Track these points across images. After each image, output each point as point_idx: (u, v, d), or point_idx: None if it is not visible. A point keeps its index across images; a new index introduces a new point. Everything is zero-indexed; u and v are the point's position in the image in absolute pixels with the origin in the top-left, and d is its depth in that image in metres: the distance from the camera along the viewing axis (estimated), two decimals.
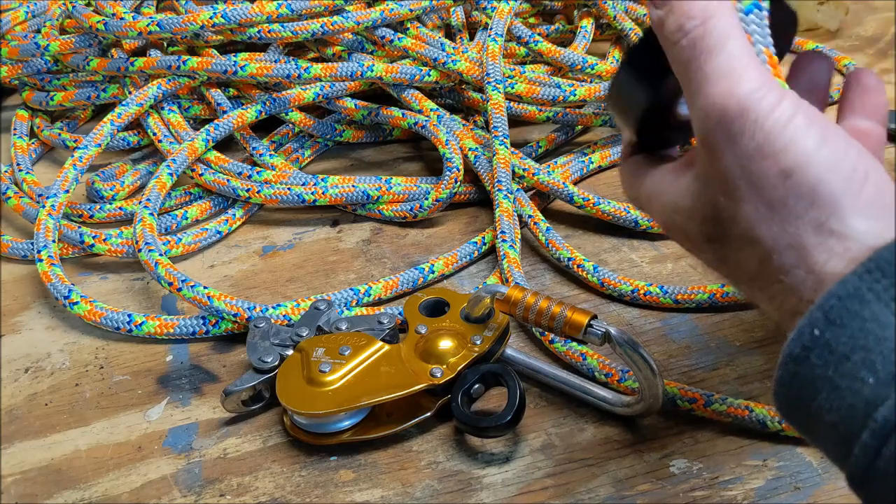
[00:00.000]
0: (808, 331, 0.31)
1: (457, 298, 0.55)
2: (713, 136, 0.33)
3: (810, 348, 0.31)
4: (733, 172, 0.33)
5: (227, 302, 0.58)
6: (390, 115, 0.74)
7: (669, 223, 0.38)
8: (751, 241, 0.33)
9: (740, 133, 0.32)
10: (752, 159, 0.32)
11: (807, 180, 0.32)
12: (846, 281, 0.30)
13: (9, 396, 0.56)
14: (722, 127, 0.32)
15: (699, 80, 0.33)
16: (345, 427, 0.51)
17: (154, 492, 0.49)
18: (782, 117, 0.32)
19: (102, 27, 0.74)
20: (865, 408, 0.29)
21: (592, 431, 0.51)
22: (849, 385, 0.30)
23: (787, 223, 0.32)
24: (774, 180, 0.32)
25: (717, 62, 0.33)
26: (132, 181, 0.73)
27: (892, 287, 0.30)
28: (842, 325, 0.30)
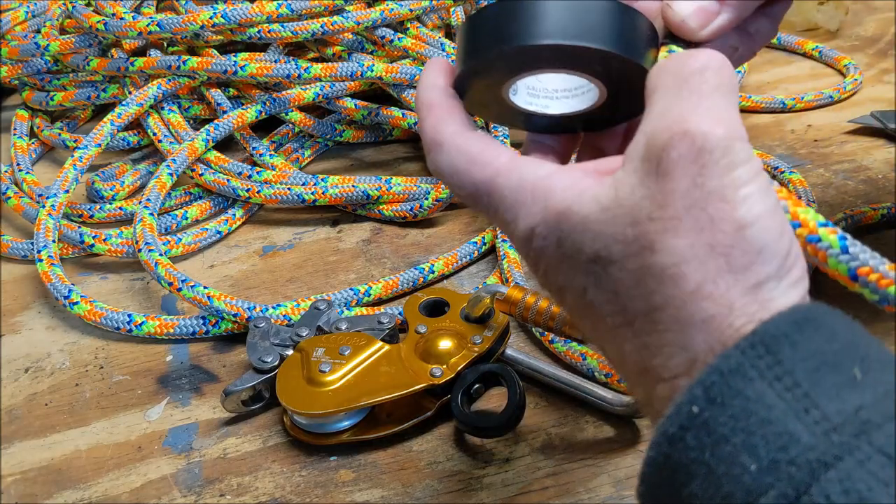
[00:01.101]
0: (686, 408, 0.28)
1: (457, 298, 0.55)
2: (676, 154, 0.30)
3: (687, 428, 0.28)
4: (682, 201, 0.30)
5: (227, 302, 0.58)
6: (390, 115, 0.74)
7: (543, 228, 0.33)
8: (664, 277, 0.30)
9: (711, 165, 0.30)
10: (710, 197, 0.29)
11: (757, 240, 0.29)
12: (728, 355, 0.28)
13: (9, 396, 0.56)
14: (696, 151, 0.30)
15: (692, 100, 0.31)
16: (345, 427, 0.51)
17: (154, 492, 0.49)
18: (750, 171, 0.30)
19: (102, 27, 0.74)
20: (744, 498, 0.27)
21: (592, 431, 0.51)
22: (727, 471, 0.27)
23: (721, 273, 0.29)
24: (727, 226, 0.29)
25: (718, 100, 0.31)
26: (132, 181, 0.73)
27: (776, 365, 0.28)
28: (722, 403, 0.28)
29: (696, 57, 0.32)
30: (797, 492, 0.26)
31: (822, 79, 0.87)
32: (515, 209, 0.33)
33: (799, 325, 0.28)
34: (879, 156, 0.74)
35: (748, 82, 0.86)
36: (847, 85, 0.84)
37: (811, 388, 0.27)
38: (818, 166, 0.73)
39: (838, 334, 0.29)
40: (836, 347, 0.28)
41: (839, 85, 0.84)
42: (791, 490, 0.26)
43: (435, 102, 0.35)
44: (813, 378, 0.27)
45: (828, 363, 0.28)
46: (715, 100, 0.31)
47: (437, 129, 0.35)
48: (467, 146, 0.34)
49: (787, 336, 0.28)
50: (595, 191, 0.32)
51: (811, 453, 0.26)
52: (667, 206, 0.30)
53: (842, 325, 0.29)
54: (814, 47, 0.90)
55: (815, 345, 0.28)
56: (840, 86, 0.84)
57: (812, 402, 0.27)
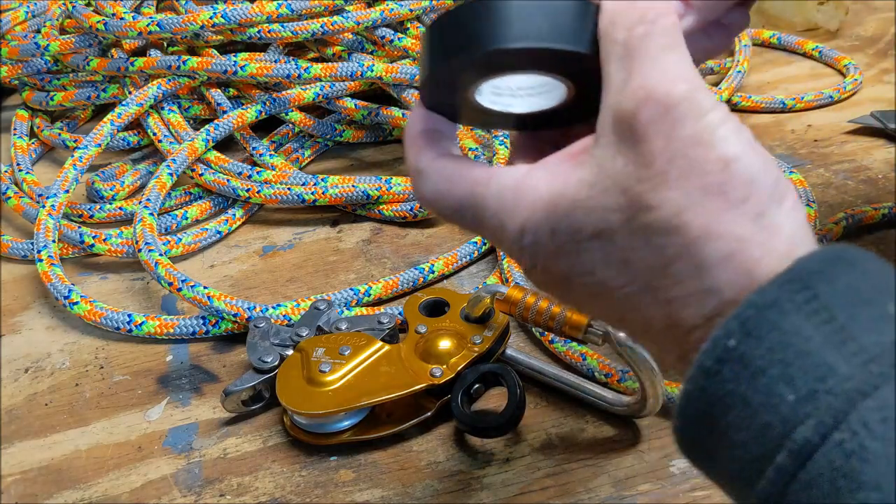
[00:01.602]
0: (722, 342, 0.29)
1: (457, 298, 0.55)
2: (647, 115, 0.30)
3: (724, 360, 0.29)
4: (664, 156, 0.30)
5: (227, 302, 0.58)
6: (390, 115, 0.74)
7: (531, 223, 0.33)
8: (668, 230, 0.30)
9: (683, 118, 0.30)
10: (689, 145, 0.30)
11: (746, 172, 0.30)
12: (765, 290, 0.29)
13: (9, 396, 0.56)
14: (664, 108, 0.30)
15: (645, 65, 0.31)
16: (345, 427, 0.51)
17: (154, 492, 0.49)
18: (718, 117, 0.31)
19: (102, 27, 0.74)
20: (782, 427, 0.27)
21: (592, 431, 0.51)
22: (764, 401, 0.28)
23: (724, 210, 0.30)
24: (712, 166, 0.30)
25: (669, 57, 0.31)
26: (132, 181, 0.73)
27: (812, 299, 0.28)
28: (759, 336, 0.28)
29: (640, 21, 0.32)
30: (835, 420, 0.26)
31: (822, 79, 0.87)
32: (500, 214, 0.34)
33: (833, 262, 0.29)
34: (879, 156, 0.74)
35: (748, 82, 0.86)
36: (847, 85, 0.84)
37: (848, 322, 0.28)
38: (818, 166, 0.73)
39: (871, 272, 0.29)
40: (870, 284, 0.29)
41: (839, 85, 0.84)
42: (829, 418, 0.26)
43: (414, 135, 0.36)
44: (849, 312, 0.28)
45: (863, 298, 0.28)
46: (667, 58, 0.31)
47: (417, 159, 0.36)
48: (444, 168, 0.35)
49: (823, 272, 0.29)
50: (577, 173, 0.32)
51: (849, 383, 0.27)
52: (650, 166, 0.30)
53: (874, 264, 0.30)
54: (814, 47, 0.90)
55: (849, 281, 0.29)
56: (840, 86, 0.83)
57: (849, 335, 0.27)
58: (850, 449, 0.26)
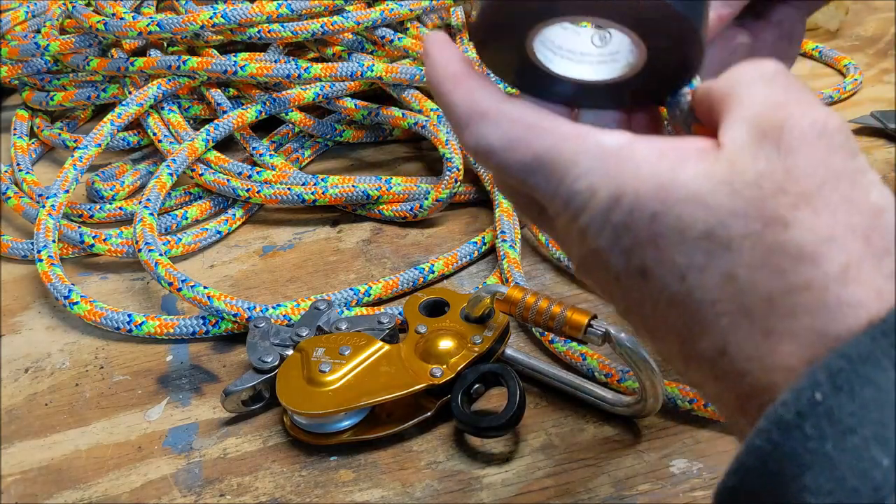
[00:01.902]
0: (806, 394, 0.26)
1: (457, 298, 0.55)
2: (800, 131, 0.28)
3: (805, 415, 0.26)
4: (812, 178, 0.28)
5: (227, 302, 0.58)
6: (390, 115, 0.74)
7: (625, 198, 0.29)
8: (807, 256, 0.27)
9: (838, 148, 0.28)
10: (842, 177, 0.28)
11: (892, 226, 0.28)
12: (857, 342, 0.26)
13: (9, 396, 0.56)
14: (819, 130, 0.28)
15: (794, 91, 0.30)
16: (345, 427, 0.51)
17: (154, 492, 0.49)
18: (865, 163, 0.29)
19: (102, 27, 0.74)
20: (874, 495, 0.24)
21: (592, 431, 0.51)
22: (853, 464, 0.25)
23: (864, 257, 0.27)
24: (864, 208, 0.28)
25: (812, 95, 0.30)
26: (132, 181, 0.73)
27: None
28: (851, 392, 0.25)
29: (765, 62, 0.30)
30: None
31: (822, 79, 0.87)
32: (591, 177, 0.30)
33: None
34: (879, 156, 0.74)
35: None
36: (847, 85, 0.84)
37: None
38: None
39: None
40: None
41: (839, 85, 0.84)
42: None
43: (460, 72, 0.31)
44: None
45: None
46: (810, 94, 0.30)
47: (474, 99, 0.31)
48: (521, 113, 0.31)
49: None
50: (700, 164, 0.29)
51: None
52: (797, 181, 0.28)
53: None
54: (814, 47, 0.90)
55: None
56: (840, 86, 0.83)
57: None
58: None
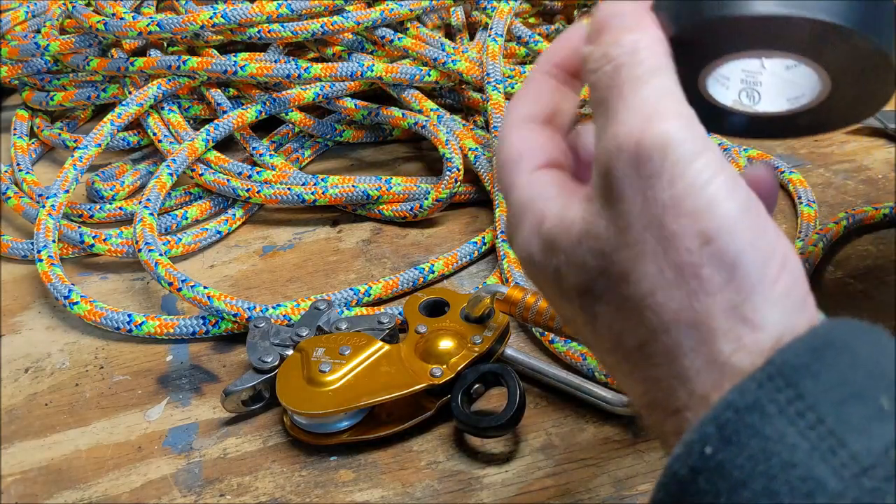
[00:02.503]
0: (697, 448, 0.26)
1: (457, 298, 0.55)
2: (620, 173, 0.27)
3: (698, 471, 0.25)
4: (639, 222, 0.27)
5: (227, 302, 0.58)
6: (390, 115, 0.74)
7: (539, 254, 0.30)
8: (642, 308, 0.27)
9: (656, 175, 0.26)
10: (666, 211, 0.26)
11: (728, 252, 0.26)
12: (744, 389, 0.25)
13: (9, 396, 0.56)
14: (634, 164, 0.27)
15: (615, 108, 0.27)
16: (345, 427, 0.51)
17: (154, 492, 0.49)
18: (705, 171, 0.26)
19: (102, 27, 0.74)
20: None
21: (592, 431, 0.51)
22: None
23: (695, 297, 0.27)
24: (690, 243, 0.26)
25: (641, 94, 0.27)
26: (132, 181, 0.73)
27: (797, 399, 0.25)
28: (739, 444, 0.25)
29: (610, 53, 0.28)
30: None
31: None
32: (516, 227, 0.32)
33: (818, 353, 0.26)
34: (879, 156, 0.74)
35: None
36: None
37: (836, 425, 0.25)
38: (818, 166, 0.73)
39: (861, 357, 0.26)
40: (860, 374, 0.26)
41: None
42: None
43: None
44: (838, 413, 0.25)
45: (853, 393, 0.25)
46: (639, 93, 0.27)
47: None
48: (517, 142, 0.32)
49: (808, 366, 0.26)
50: (571, 220, 0.30)
51: (840, 500, 0.24)
52: (626, 232, 0.27)
53: (864, 344, 0.27)
54: None
55: (837, 373, 0.25)
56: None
57: (839, 441, 0.24)
58: None
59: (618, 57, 0.28)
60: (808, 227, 0.64)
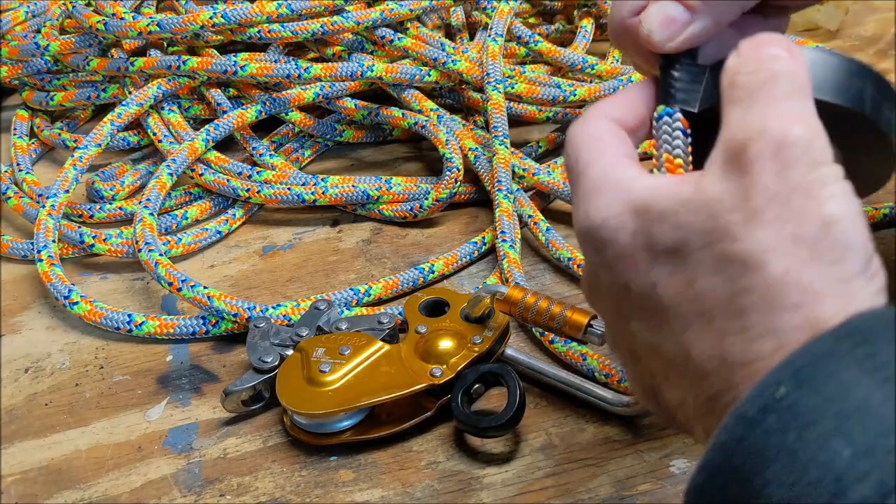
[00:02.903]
0: (770, 390, 0.27)
1: (457, 298, 0.55)
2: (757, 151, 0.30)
3: (769, 410, 0.27)
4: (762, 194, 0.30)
5: (227, 302, 0.58)
6: (390, 115, 0.74)
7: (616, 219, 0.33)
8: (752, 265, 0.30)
9: (794, 161, 0.30)
10: (794, 190, 0.30)
11: (844, 237, 0.29)
12: (822, 340, 0.27)
13: (9, 396, 0.56)
14: (777, 146, 0.30)
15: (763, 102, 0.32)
16: (345, 427, 0.51)
17: (154, 492, 0.49)
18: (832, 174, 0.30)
19: (102, 27, 0.74)
20: (836, 485, 0.25)
21: (592, 431, 0.51)
22: (814, 456, 0.26)
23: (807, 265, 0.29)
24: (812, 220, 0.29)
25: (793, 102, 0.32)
26: (132, 181, 0.73)
27: (872, 355, 0.27)
28: (813, 387, 0.27)
29: (760, 66, 0.32)
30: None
31: None
32: (591, 197, 0.34)
33: (892, 322, 0.28)
34: None
35: None
36: None
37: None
38: None
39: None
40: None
41: None
42: (891, 478, 0.25)
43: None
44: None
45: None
46: (789, 103, 0.31)
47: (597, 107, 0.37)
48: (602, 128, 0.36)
49: (882, 331, 0.28)
50: (676, 188, 0.32)
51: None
52: (748, 199, 0.30)
53: None
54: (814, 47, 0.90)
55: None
56: None
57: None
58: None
59: (777, 70, 0.32)
60: None
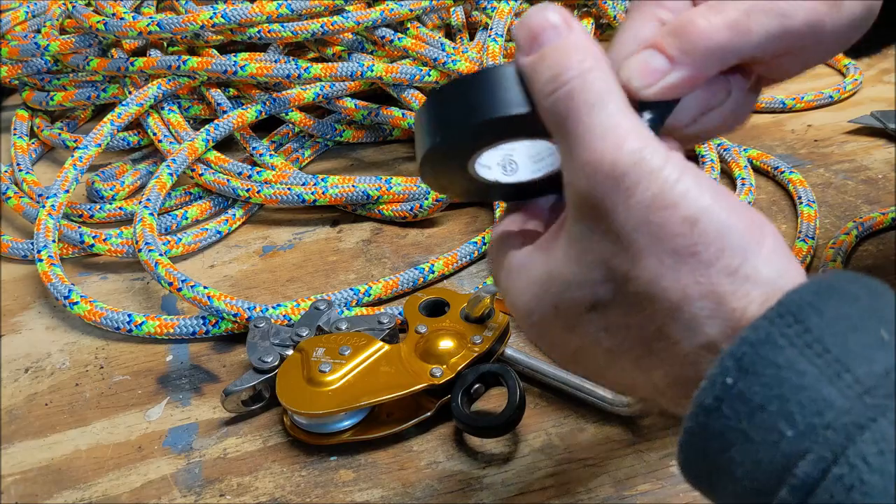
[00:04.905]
0: (719, 380, 0.29)
1: (457, 298, 0.55)
2: (601, 190, 0.30)
3: (722, 398, 0.29)
4: (627, 226, 0.30)
5: (227, 302, 0.58)
6: (390, 115, 0.74)
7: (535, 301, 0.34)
8: (652, 297, 0.31)
9: (635, 185, 0.30)
10: (650, 210, 0.30)
11: (713, 227, 0.30)
12: (757, 326, 0.29)
13: (9, 396, 0.56)
14: (613, 180, 0.30)
15: (581, 135, 0.31)
16: (345, 427, 0.51)
17: (154, 492, 0.49)
18: (673, 172, 0.30)
19: (102, 27, 0.74)
20: (784, 462, 0.27)
21: (592, 431, 0.51)
22: (764, 438, 0.28)
23: (698, 272, 0.30)
24: (679, 228, 0.30)
25: (601, 117, 0.30)
26: (132, 181, 0.73)
27: (804, 333, 0.28)
28: (755, 373, 0.28)
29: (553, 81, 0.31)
30: (834, 454, 0.27)
31: (822, 79, 0.87)
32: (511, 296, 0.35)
33: (822, 294, 0.29)
34: (879, 156, 0.74)
35: None
36: (847, 85, 0.84)
37: (841, 353, 0.28)
38: (818, 166, 0.73)
39: (860, 298, 0.29)
40: (859, 311, 0.29)
41: (839, 85, 0.84)
42: (828, 453, 0.27)
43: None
44: (841, 342, 0.28)
45: (854, 327, 0.29)
46: (599, 119, 0.31)
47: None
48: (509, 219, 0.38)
49: (812, 304, 0.29)
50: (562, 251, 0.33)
51: (846, 416, 0.27)
52: (618, 239, 0.31)
53: (862, 289, 0.30)
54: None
55: (839, 310, 0.29)
56: (840, 86, 0.84)
57: (843, 367, 0.28)
58: (850, 483, 0.26)
59: (569, 81, 0.31)
60: (809, 226, 0.64)
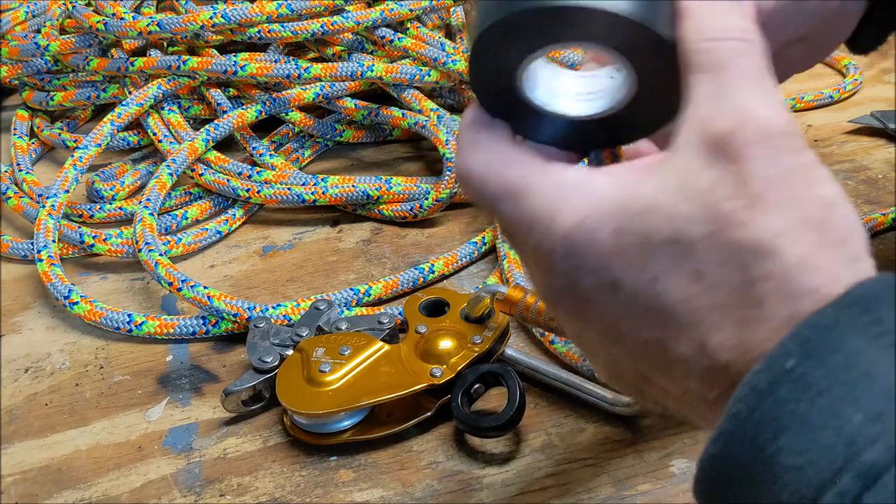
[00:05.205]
0: (779, 362, 0.28)
1: (457, 298, 0.55)
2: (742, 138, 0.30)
3: (780, 382, 0.28)
4: (760, 180, 0.30)
5: (227, 302, 0.58)
6: (390, 115, 0.74)
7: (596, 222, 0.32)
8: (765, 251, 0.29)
9: (783, 148, 0.30)
10: (791, 175, 0.30)
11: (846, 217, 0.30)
12: (826, 312, 0.28)
13: (9, 396, 0.56)
14: (763, 135, 0.30)
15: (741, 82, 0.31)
16: (345, 427, 0.51)
17: (154, 492, 0.49)
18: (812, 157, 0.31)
19: (102, 27, 0.74)
20: (847, 448, 0.26)
21: (592, 431, 0.51)
22: (826, 422, 0.27)
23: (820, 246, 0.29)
24: (815, 201, 0.30)
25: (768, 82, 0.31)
26: (132, 181, 0.73)
27: (875, 323, 0.28)
28: (821, 358, 0.27)
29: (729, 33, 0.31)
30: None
31: (822, 79, 0.87)
32: (555, 204, 0.32)
33: (888, 289, 0.29)
34: (879, 156, 0.74)
35: None
36: (847, 85, 0.84)
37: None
38: None
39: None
40: None
41: (839, 85, 0.84)
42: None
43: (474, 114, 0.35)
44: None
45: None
46: (765, 83, 0.31)
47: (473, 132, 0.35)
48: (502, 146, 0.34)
49: (882, 298, 0.28)
50: (654, 179, 0.31)
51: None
52: (746, 185, 0.30)
53: None
54: None
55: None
56: (840, 86, 0.83)
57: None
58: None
59: (745, 36, 0.31)
60: None
